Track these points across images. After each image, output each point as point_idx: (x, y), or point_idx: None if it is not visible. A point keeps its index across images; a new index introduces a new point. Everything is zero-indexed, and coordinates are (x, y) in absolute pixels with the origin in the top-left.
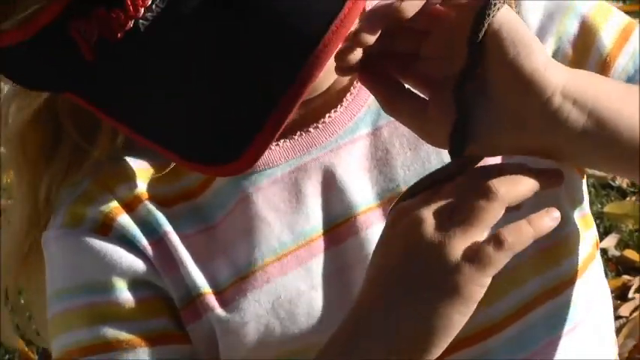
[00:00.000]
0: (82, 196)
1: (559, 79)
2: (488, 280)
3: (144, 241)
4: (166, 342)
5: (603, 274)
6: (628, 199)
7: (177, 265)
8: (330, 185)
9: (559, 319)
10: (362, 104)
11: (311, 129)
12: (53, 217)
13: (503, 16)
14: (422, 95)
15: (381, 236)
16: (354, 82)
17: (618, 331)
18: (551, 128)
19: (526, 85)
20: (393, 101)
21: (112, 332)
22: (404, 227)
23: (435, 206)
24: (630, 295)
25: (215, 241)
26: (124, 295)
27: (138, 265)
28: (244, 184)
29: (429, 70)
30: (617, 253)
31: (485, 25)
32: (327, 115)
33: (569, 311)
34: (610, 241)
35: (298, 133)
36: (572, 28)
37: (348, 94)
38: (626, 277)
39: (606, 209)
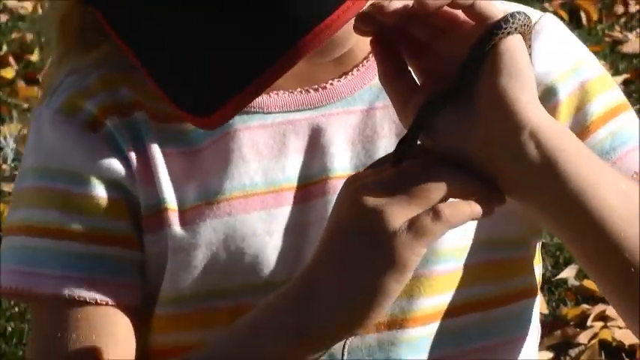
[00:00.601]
0: (85, 89)
1: (536, 118)
2: (422, 250)
3: (129, 147)
4: (124, 245)
5: (538, 311)
6: None
7: (153, 176)
8: (314, 145)
9: (495, 329)
10: (366, 82)
11: (311, 90)
12: (51, 96)
13: (510, 43)
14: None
15: (335, 201)
16: (364, 61)
17: (577, 357)
18: (510, 158)
19: (505, 113)
20: (391, 74)
21: (78, 222)
22: (351, 193)
23: (382, 177)
24: (589, 323)
25: (194, 164)
26: (98, 191)
27: (117, 167)
28: (236, 119)
29: (435, 65)
30: (577, 283)
31: (488, 46)
32: (331, 81)
33: (505, 325)
34: (569, 272)
35: (299, 89)
36: (571, 84)
37: (355, 70)
38: (585, 305)
39: None
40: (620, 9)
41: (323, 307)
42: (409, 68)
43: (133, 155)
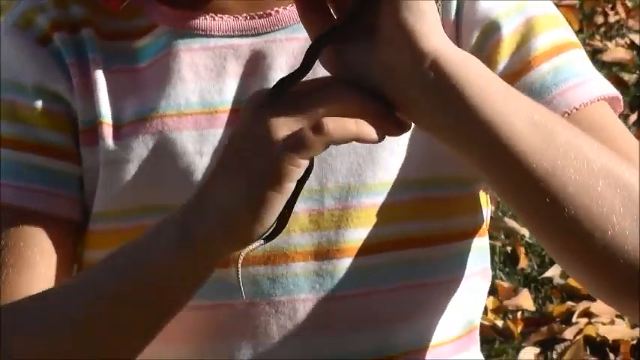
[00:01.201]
0: (39, 5)
1: (437, 48)
2: (301, 161)
3: (72, 62)
4: (63, 157)
5: (487, 259)
6: None
7: (92, 91)
8: (254, 70)
9: (426, 268)
10: None
11: (256, 16)
12: (10, 11)
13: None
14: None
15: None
16: None
17: (563, 353)
18: (414, 88)
19: (405, 45)
20: (308, 9)
21: (20, 132)
22: (246, 108)
23: (273, 93)
24: (574, 319)
25: (133, 81)
26: (41, 103)
27: (59, 81)
28: (179, 41)
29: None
30: (562, 282)
31: None
32: (277, 8)
33: (436, 265)
34: (554, 271)
35: (244, 15)
36: (515, 20)
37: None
38: (570, 303)
39: None
40: (600, 19)
41: (207, 218)
42: (327, 5)
43: (75, 71)
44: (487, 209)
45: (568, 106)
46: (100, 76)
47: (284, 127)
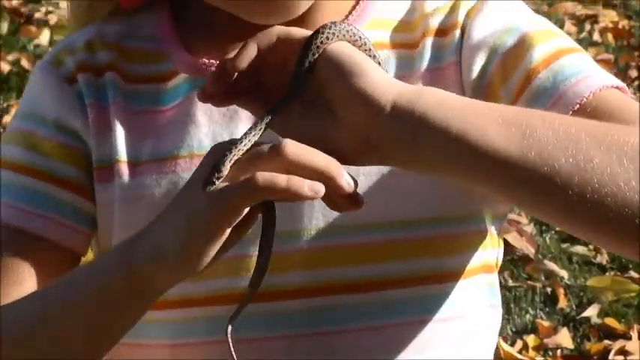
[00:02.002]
0: (71, 47)
1: (390, 92)
2: (227, 209)
3: (91, 102)
4: (75, 191)
5: (496, 296)
6: (607, 273)
7: (111, 131)
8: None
9: (432, 305)
10: None
11: None
12: (51, 51)
13: (330, 49)
14: None
15: None
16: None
17: None
18: (381, 132)
19: (360, 99)
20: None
21: (36, 161)
22: (205, 156)
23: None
24: (610, 357)
25: (153, 123)
26: (58, 137)
27: (78, 118)
28: (199, 85)
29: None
30: (599, 321)
31: (312, 52)
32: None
33: (444, 302)
34: (592, 311)
35: None
36: (509, 41)
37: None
38: (606, 341)
39: (589, 283)
40: (634, 72)
41: (143, 250)
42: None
43: (93, 111)
44: (497, 248)
45: (577, 98)
46: (120, 117)
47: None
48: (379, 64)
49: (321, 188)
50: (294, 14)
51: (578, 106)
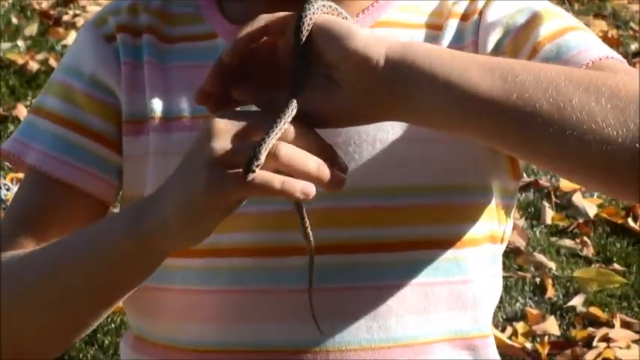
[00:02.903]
0: (116, 9)
1: (380, 47)
2: (224, 199)
3: (126, 61)
4: (106, 144)
5: (499, 266)
6: (592, 266)
7: (144, 88)
8: None
9: (439, 268)
10: (365, 25)
11: None
12: (98, 11)
13: (320, 19)
14: None
15: None
16: (365, 10)
17: None
18: (379, 85)
19: (355, 58)
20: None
21: (73, 114)
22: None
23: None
24: (594, 344)
25: (189, 78)
26: (92, 91)
27: (112, 75)
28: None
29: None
30: (584, 310)
31: (305, 27)
32: None
33: (451, 266)
34: (578, 300)
35: None
36: (521, 19)
37: (361, 13)
38: (591, 329)
39: (575, 274)
40: None
41: (158, 210)
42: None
43: (126, 69)
44: (504, 223)
45: (577, 65)
46: (154, 74)
47: (223, 154)
48: None
49: (312, 190)
50: None
51: (584, 67)
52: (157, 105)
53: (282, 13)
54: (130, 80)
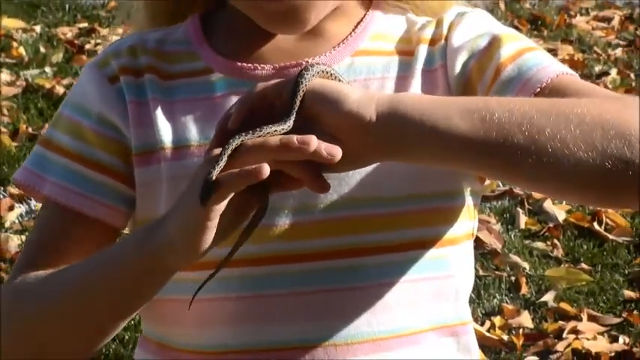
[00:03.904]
0: (116, 52)
1: (370, 106)
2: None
3: (131, 100)
4: (113, 176)
5: (472, 260)
6: (562, 265)
7: (152, 123)
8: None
9: (426, 266)
10: (335, 62)
11: (290, 65)
12: (100, 52)
13: (314, 86)
14: None
15: None
16: (336, 46)
17: None
18: (375, 138)
19: (350, 120)
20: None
21: (81, 149)
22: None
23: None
24: (564, 335)
25: (195, 109)
26: (100, 128)
27: (118, 114)
28: (231, 86)
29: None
30: (555, 305)
31: (299, 92)
32: (306, 59)
33: (433, 264)
34: (549, 296)
35: (281, 64)
36: (482, 43)
37: (328, 52)
38: (561, 322)
39: (547, 273)
40: None
41: (163, 230)
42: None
43: (132, 107)
44: (474, 220)
45: (537, 85)
46: (159, 110)
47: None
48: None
49: (266, 169)
50: (305, 29)
51: (539, 89)
52: (166, 137)
53: (278, 81)
54: (137, 117)
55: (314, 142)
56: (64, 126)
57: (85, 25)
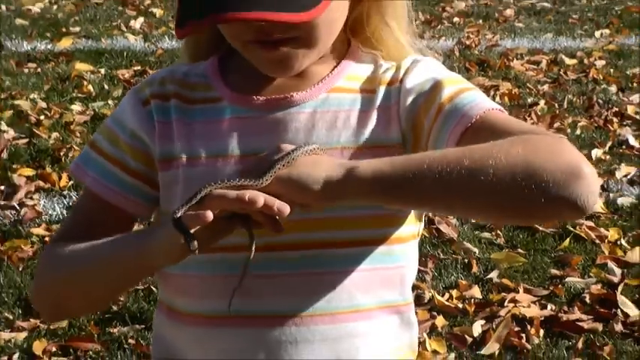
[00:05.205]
0: (150, 82)
1: (334, 188)
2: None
3: (158, 120)
4: (138, 177)
5: (417, 251)
6: (503, 250)
7: (173, 138)
8: (274, 130)
9: (381, 258)
10: (313, 97)
11: (280, 98)
12: (140, 81)
13: (295, 165)
14: None
15: None
16: (315, 85)
17: (499, 324)
18: (339, 201)
19: (321, 201)
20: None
21: (116, 154)
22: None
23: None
24: (506, 304)
25: (207, 129)
26: (131, 140)
27: (147, 131)
28: (235, 113)
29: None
30: (499, 281)
31: (282, 162)
32: (292, 93)
33: (384, 257)
34: (494, 274)
35: (274, 97)
36: (427, 86)
37: (308, 88)
38: (503, 294)
39: (492, 256)
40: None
41: (157, 234)
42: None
43: (159, 126)
44: (419, 223)
45: (470, 120)
46: (181, 129)
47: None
48: (324, 150)
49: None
50: (295, 70)
51: (473, 121)
52: (183, 149)
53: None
54: (162, 133)
55: (260, 200)
56: (106, 134)
57: (139, 67)
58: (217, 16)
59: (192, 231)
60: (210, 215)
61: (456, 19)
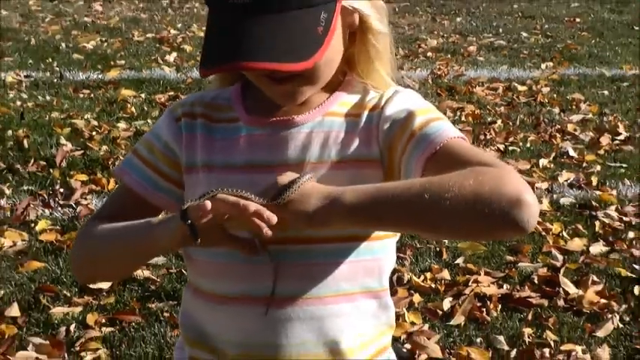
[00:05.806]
0: (183, 103)
1: (321, 217)
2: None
3: (186, 135)
4: (167, 179)
5: (394, 248)
6: (468, 241)
7: (196, 150)
8: (277, 147)
9: (361, 252)
10: (312, 119)
11: (283, 120)
12: (176, 102)
13: (292, 199)
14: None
15: None
16: (313, 109)
17: (464, 301)
18: (328, 226)
19: (317, 226)
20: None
21: (152, 160)
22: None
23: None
24: (470, 284)
25: (225, 145)
26: (164, 150)
27: (176, 143)
28: (248, 131)
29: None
30: (464, 265)
31: (288, 193)
32: (293, 116)
33: (369, 251)
34: (460, 260)
35: (278, 118)
36: (402, 115)
37: (308, 112)
38: (468, 275)
39: (459, 245)
40: (482, 137)
41: (169, 223)
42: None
43: (186, 139)
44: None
45: (434, 147)
46: (202, 143)
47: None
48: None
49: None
50: (299, 102)
51: (438, 148)
52: (205, 159)
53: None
54: (188, 145)
55: (252, 207)
56: (145, 144)
57: (172, 93)
58: (231, 64)
59: (203, 221)
60: (208, 204)
61: (429, 54)
